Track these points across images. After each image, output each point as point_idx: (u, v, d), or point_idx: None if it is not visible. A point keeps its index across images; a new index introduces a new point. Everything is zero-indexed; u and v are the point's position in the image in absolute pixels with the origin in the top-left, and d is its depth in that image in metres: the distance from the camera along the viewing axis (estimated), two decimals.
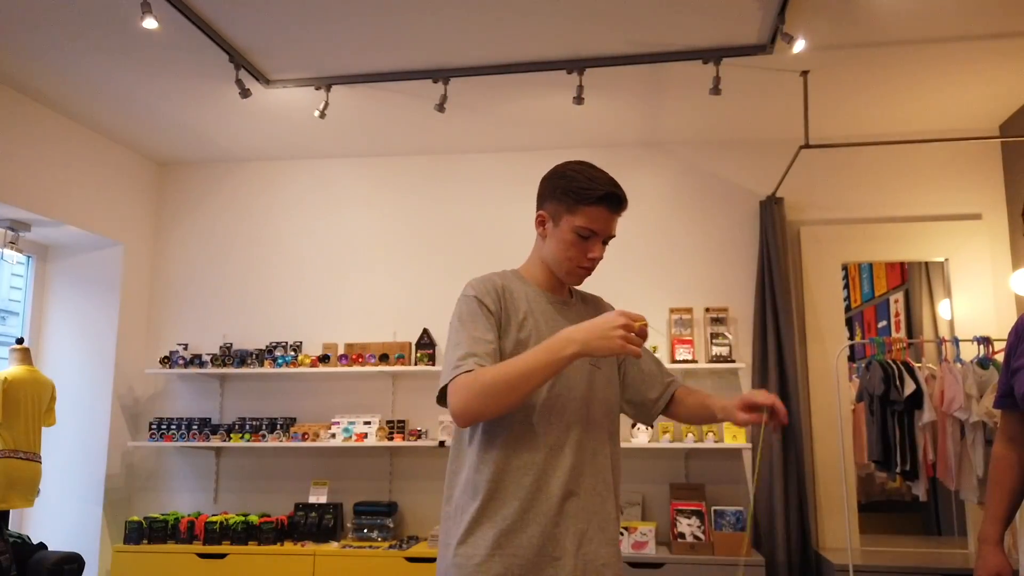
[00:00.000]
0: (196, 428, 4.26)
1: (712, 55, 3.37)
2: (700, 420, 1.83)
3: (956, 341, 3.61)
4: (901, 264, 4.35)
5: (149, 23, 2.98)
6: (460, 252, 4.50)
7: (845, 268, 4.31)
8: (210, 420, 4.39)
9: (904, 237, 4.17)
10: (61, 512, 4.29)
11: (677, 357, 4.10)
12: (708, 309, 4.22)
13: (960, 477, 3.45)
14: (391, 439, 4.14)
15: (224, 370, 4.30)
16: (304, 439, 4.16)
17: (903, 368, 3.58)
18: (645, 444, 3.94)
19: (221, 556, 3.95)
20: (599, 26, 3.21)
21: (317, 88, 3.72)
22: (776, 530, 3.83)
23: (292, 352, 4.40)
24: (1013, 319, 3.93)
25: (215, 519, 4.05)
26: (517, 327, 1.68)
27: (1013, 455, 2.10)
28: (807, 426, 4.04)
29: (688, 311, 4.21)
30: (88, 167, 4.27)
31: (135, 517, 4.11)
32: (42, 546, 3.73)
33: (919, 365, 3.64)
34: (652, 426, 4.02)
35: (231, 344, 4.49)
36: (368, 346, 4.30)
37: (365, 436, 4.13)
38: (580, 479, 1.67)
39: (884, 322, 4.42)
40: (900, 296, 4.34)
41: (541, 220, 1.76)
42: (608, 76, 3.59)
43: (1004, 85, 3.71)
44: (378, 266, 4.57)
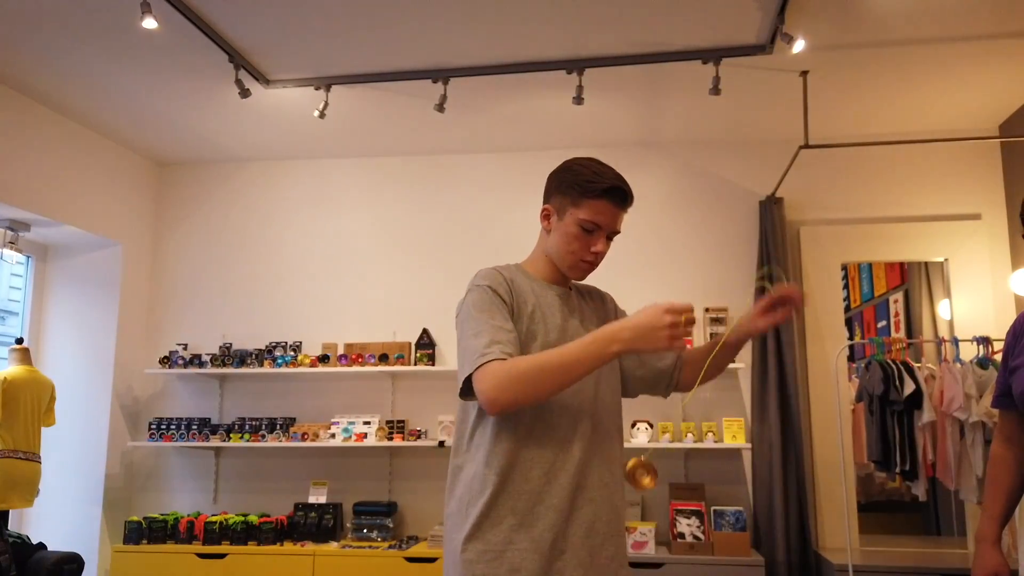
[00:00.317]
0: (196, 428, 4.26)
1: (712, 55, 3.37)
2: (714, 367, 1.79)
3: (956, 341, 3.62)
4: (901, 264, 4.35)
5: (149, 23, 2.98)
6: (460, 252, 4.50)
7: (845, 268, 4.31)
8: (209, 420, 4.39)
9: (904, 237, 4.17)
10: (61, 512, 4.29)
11: None
12: (708, 309, 4.22)
13: (959, 477, 3.45)
14: (391, 439, 4.14)
15: (224, 370, 4.30)
16: (304, 439, 4.16)
17: (903, 368, 3.58)
18: (645, 444, 3.94)
19: (221, 556, 3.95)
20: (599, 26, 3.21)
21: (317, 88, 3.72)
22: (776, 530, 3.83)
23: (292, 352, 4.40)
24: (1012, 319, 3.92)
25: (215, 519, 4.05)
26: (528, 320, 1.67)
27: (1010, 454, 2.11)
28: (807, 426, 4.04)
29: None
30: (87, 167, 4.27)
31: (134, 517, 4.11)
32: (41, 546, 3.73)
33: (919, 365, 3.64)
34: (652, 425, 4.02)
35: (231, 344, 4.49)
36: (368, 346, 4.30)
37: (365, 436, 4.13)
38: (589, 472, 1.66)
39: (884, 322, 4.42)
40: (900, 296, 4.34)
41: (546, 214, 1.75)
42: (608, 76, 3.59)
43: (1004, 85, 3.72)
44: (378, 266, 4.57)
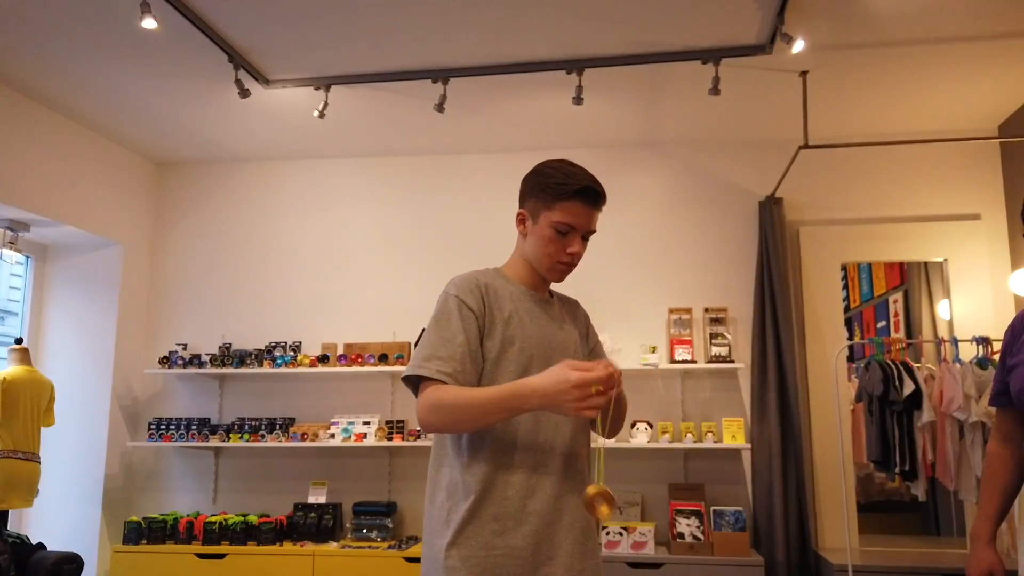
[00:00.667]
0: (195, 428, 4.25)
1: (711, 55, 3.37)
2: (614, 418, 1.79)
3: (955, 341, 3.62)
4: (900, 264, 4.35)
5: (148, 23, 2.98)
6: (460, 252, 4.50)
7: (844, 268, 4.31)
8: (209, 420, 4.38)
9: (903, 237, 4.17)
10: (60, 512, 4.29)
11: (676, 357, 4.09)
12: (707, 309, 4.22)
13: (959, 477, 3.45)
14: (390, 439, 4.14)
15: (223, 370, 4.30)
16: (303, 439, 4.16)
17: (902, 368, 3.58)
18: (644, 444, 3.94)
19: (220, 556, 3.95)
20: (598, 26, 3.21)
21: (316, 88, 3.72)
22: (775, 530, 3.83)
23: (291, 352, 4.40)
24: (1011, 319, 3.92)
25: (214, 519, 4.05)
26: (503, 325, 1.67)
27: (1007, 453, 2.11)
28: (806, 426, 4.04)
29: (687, 311, 4.21)
30: (87, 167, 4.27)
31: (134, 517, 4.11)
32: (41, 546, 3.73)
33: (918, 365, 3.64)
34: (652, 425, 4.02)
35: (230, 344, 4.49)
36: (367, 346, 4.30)
37: (364, 436, 4.13)
38: (570, 477, 1.67)
39: (883, 322, 4.42)
40: (899, 296, 4.35)
41: (521, 218, 1.77)
42: (607, 76, 3.59)
43: (1003, 85, 3.72)
44: (377, 266, 4.57)
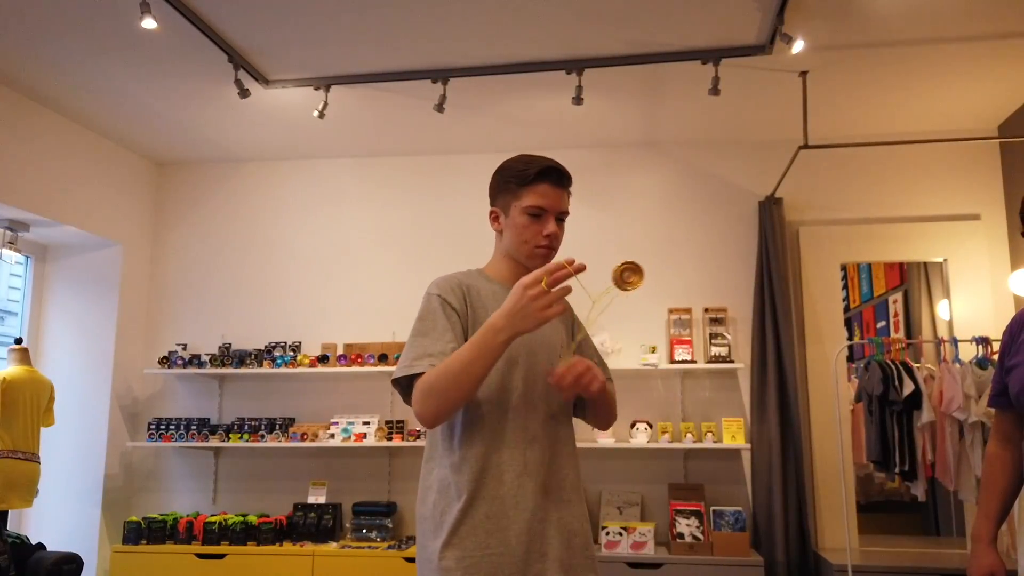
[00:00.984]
0: (195, 428, 4.25)
1: (711, 55, 3.37)
2: (593, 413, 1.83)
3: (955, 341, 3.62)
4: (900, 264, 4.35)
5: (148, 23, 2.98)
6: (459, 252, 4.49)
7: (844, 268, 4.31)
8: (209, 420, 4.38)
9: (903, 237, 4.17)
10: (60, 512, 4.29)
11: (676, 357, 4.09)
12: (707, 309, 4.22)
13: (959, 477, 3.45)
14: (390, 439, 4.14)
15: (223, 370, 4.30)
16: (303, 439, 4.16)
17: (902, 368, 3.58)
18: (644, 444, 3.94)
19: (220, 556, 3.95)
20: (598, 26, 3.21)
21: (316, 88, 3.72)
22: (775, 530, 3.83)
23: (291, 352, 4.40)
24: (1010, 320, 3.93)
25: (214, 519, 4.05)
26: (475, 313, 1.69)
27: (1007, 454, 2.11)
28: (806, 426, 4.04)
29: (687, 311, 4.21)
30: (87, 167, 4.27)
31: (134, 517, 4.11)
32: (41, 546, 3.73)
33: (918, 365, 3.64)
34: (651, 425, 4.02)
35: (230, 344, 4.49)
36: (367, 346, 4.30)
37: (364, 436, 4.13)
38: (558, 471, 1.69)
39: (883, 322, 4.42)
40: (899, 296, 4.35)
41: (494, 216, 1.80)
42: (607, 76, 3.59)
43: (1003, 85, 3.72)
44: (377, 266, 4.57)
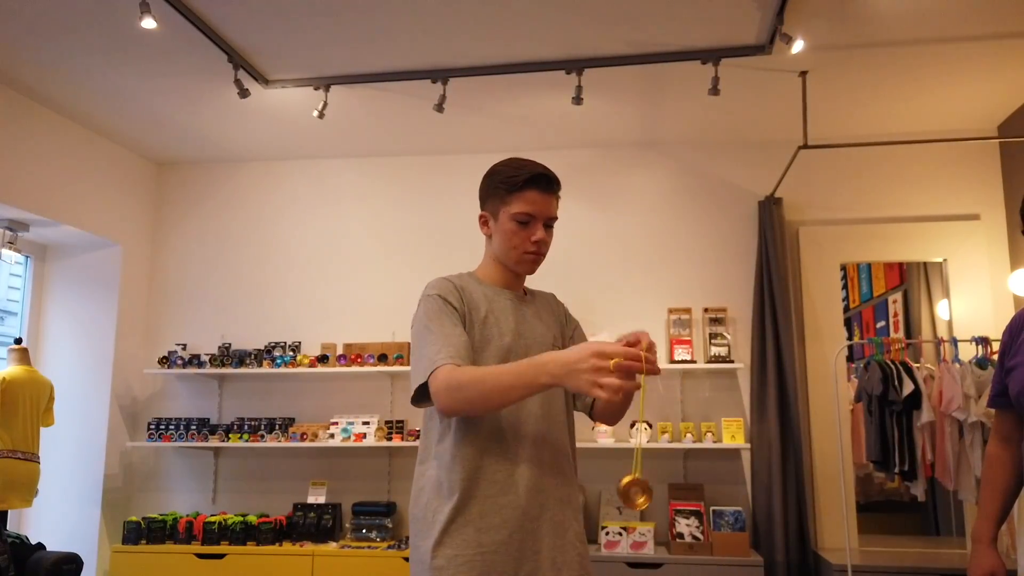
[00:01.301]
0: (195, 428, 4.25)
1: (711, 55, 3.37)
2: (607, 413, 1.80)
3: (954, 341, 3.62)
4: (899, 264, 4.35)
5: (148, 23, 2.98)
6: (458, 252, 4.50)
7: (844, 268, 4.32)
8: (208, 420, 4.38)
9: (902, 237, 4.17)
10: (59, 512, 4.29)
11: (676, 357, 4.10)
12: (707, 309, 4.22)
13: (958, 477, 3.45)
14: (390, 439, 4.14)
15: (223, 370, 4.30)
16: (303, 439, 4.16)
17: (901, 368, 3.58)
18: (644, 444, 3.94)
19: (220, 556, 3.95)
20: (598, 26, 3.21)
21: (316, 88, 3.71)
22: (775, 530, 3.83)
23: (291, 352, 4.40)
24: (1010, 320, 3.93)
25: (213, 519, 4.05)
26: (480, 325, 1.71)
27: (1007, 454, 2.11)
28: (806, 426, 4.04)
29: (687, 311, 4.21)
30: (87, 167, 4.26)
31: (133, 517, 4.11)
32: (40, 546, 3.73)
33: (917, 365, 3.64)
34: (651, 425, 4.02)
35: (229, 344, 4.49)
36: (367, 346, 4.30)
37: (364, 436, 4.13)
38: (551, 471, 1.70)
39: (883, 322, 4.42)
40: (899, 296, 4.35)
41: (483, 220, 1.80)
42: (607, 76, 3.59)
43: (1002, 85, 3.72)
44: (377, 266, 4.57)
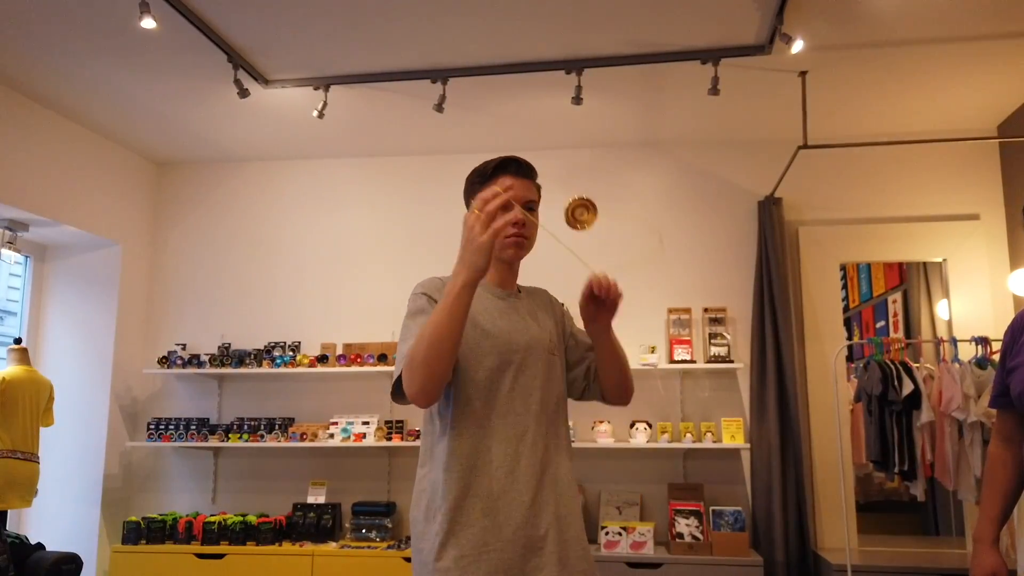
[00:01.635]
0: (194, 428, 4.25)
1: (710, 55, 3.37)
2: (606, 370, 1.81)
3: (954, 341, 3.62)
4: (899, 264, 4.35)
5: (147, 23, 2.98)
6: (458, 252, 4.48)
7: (843, 268, 4.32)
8: (208, 420, 4.38)
9: (902, 237, 4.17)
10: (59, 512, 4.28)
11: (675, 357, 4.09)
12: (706, 309, 4.22)
13: (958, 477, 3.45)
14: (390, 439, 4.14)
15: (222, 370, 4.30)
16: (303, 439, 4.16)
17: (901, 368, 3.58)
18: (643, 444, 3.94)
19: (219, 556, 3.95)
20: (597, 26, 3.21)
21: (315, 88, 3.71)
22: (774, 530, 3.83)
23: (290, 352, 4.40)
24: (1011, 319, 3.93)
25: (213, 519, 4.05)
26: (471, 325, 1.70)
27: (1008, 454, 2.10)
28: (806, 426, 4.04)
29: (686, 311, 4.22)
30: (86, 167, 4.26)
31: (133, 517, 4.11)
32: (40, 546, 3.73)
33: (917, 365, 3.64)
34: (651, 425, 4.02)
35: (229, 344, 4.49)
36: (366, 346, 4.30)
37: (364, 436, 4.13)
38: (551, 465, 1.70)
39: (882, 322, 4.42)
40: (898, 296, 4.35)
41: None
42: (606, 76, 3.59)
43: (1002, 86, 3.72)
44: (376, 266, 4.57)
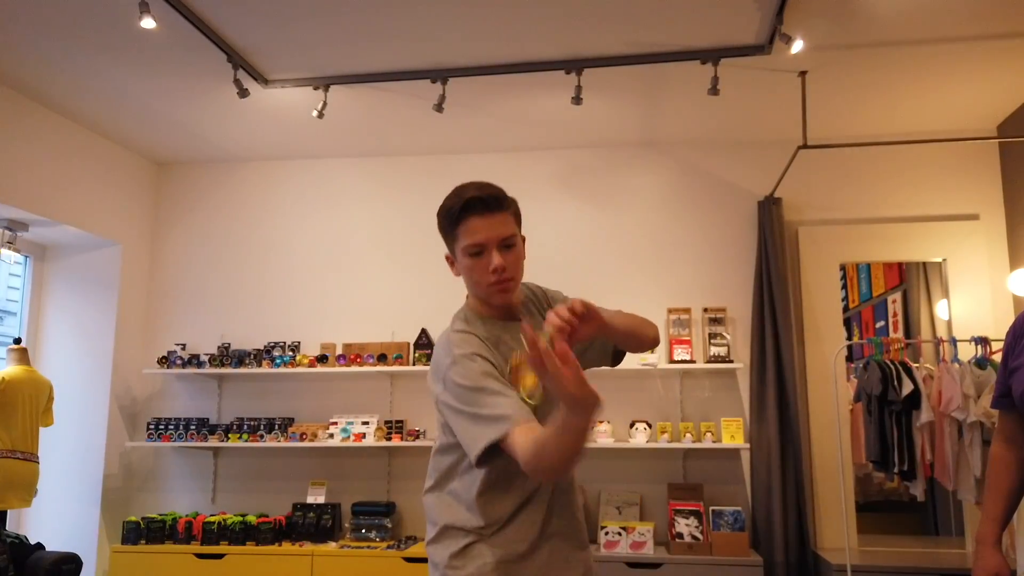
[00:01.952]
0: (194, 428, 4.25)
1: (710, 55, 3.37)
2: (625, 340, 1.76)
3: (954, 341, 3.62)
4: (899, 264, 4.35)
5: (147, 23, 2.98)
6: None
7: (843, 268, 4.32)
8: (208, 420, 4.38)
9: (902, 237, 4.17)
10: (59, 512, 4.28)
11: (675, 357, 4.09)
12: (706, 309, 4.22)
13: (958, 477, 3.45)
14: (389, 439, 4.14)
15: (222, 370, 4.30)
16: (302, 439, 4.16)
17: (901, 368, 3.58)
18: (643, 444, 3.94)
19: (219, 556, 3.95)
20: (597, 26, 3.21)
21: (315, 88, 3.71)
22: (774, 530, 3.83)
23: (290, 352, 4.40)
24: (1011, 319, 3.91)
25: (213, 519, 4.05)
26: (504, 363, 1.62)
27: (1010, 455, 2.10)
28: (805, 426, 4.04)
29: (686, 311, 4.21)
30: (86, 167, 4.26)
31: (133, 517, 4.10)
32: (40, 546, 3.72)
33: (917, 365, 3.64)
34: (651, 425, 4.02)
35: (229, 344, 4.49)
36: (366, 346, 4.30)
37: (363, 436, 4.13)
38: (567, 510, 1.72)
39: (882, 322, 4.42)
40: (898, 296, 4.35)
41: (450, 262, 1.71)
42: (606, 76, 3.59)
43: (1002, 86, 3.72)
44: (376, 266, 4.57)
